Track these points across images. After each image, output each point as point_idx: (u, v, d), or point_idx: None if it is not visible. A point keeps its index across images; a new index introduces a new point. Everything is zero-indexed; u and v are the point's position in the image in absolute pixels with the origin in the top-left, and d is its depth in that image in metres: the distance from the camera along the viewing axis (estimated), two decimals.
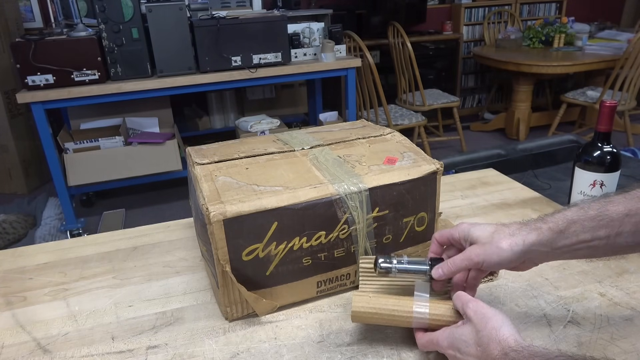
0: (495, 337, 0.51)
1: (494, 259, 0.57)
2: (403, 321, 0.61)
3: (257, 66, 2.49)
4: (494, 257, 0.57)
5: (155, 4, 2.26)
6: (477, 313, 0.54)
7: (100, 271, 0.84)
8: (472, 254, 0.58)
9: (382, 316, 0.61)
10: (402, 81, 3.44)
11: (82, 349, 0.66)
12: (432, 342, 0.59)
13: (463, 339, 0.54)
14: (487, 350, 0.51)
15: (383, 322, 0.62)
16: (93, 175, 2.57)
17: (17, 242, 2.53)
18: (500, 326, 0.52)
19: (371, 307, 0.62)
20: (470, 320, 0.55)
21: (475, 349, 0.53)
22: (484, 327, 0.53)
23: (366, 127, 0.91)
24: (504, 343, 0.51)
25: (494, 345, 0.51)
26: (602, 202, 0.56)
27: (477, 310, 0.55)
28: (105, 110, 2.78)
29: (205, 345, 0.66)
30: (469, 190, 1.10)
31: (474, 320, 0.54)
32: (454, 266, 0.60)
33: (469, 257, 0.58)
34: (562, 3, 4.41)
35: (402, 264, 0.63)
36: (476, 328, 0.54)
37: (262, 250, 0.66)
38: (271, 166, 0.74)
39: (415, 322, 0.61)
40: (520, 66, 3.33)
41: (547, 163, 1.83)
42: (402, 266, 0.63)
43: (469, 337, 0.54)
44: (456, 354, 0.55)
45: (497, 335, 0.51)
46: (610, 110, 0.87)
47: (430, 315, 0.60)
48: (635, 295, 0.72)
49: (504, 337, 0.51)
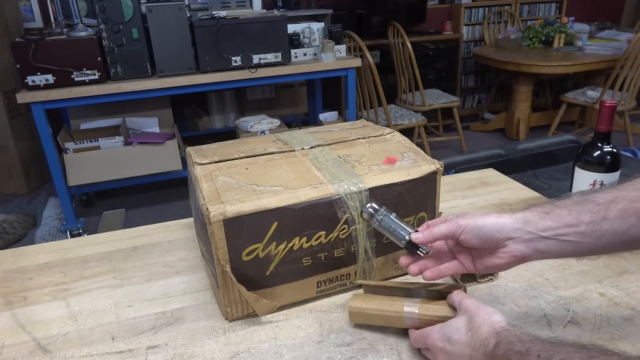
0: (487, 320, 0.53)
1: (477, 223, 0.57)
2: (395, 321, 0.63)
3: (257, 66, 2.49)
4: (478, 222, 0.57)
5: (155, 4, 2.26)
6: (473, 304, 0.56)
7: (100, 271, 0.84)
8: (460, 217, 0.59)
9: (376, 315, 0.64)
10: (402, 81, 3.44)
11: (82, 349, 0.66)
12: (423, 335, 0.59)
13: (455, 327, 0.55)
14: (478, 333, 0.52)
15: (378, 321, 0.65)
16: (93, 175, 2.57)
17: (17, 242, 2.53)
18: (492, 313, 0.54)
19: (365, 307, 0.64)
20: (467, 310, 0.56)
21: (466, 334, 0.54)
22: (477, 313, 0.54)
23: (366, 127, 0.91)
24: (495, 324, 0.52)
25: (485, 327, 0.52)
26: (589, 192, 0.57)
27: (473, 302, 0.57)
28: (105, 110, 2.78)
29: (205, 345, 0.66)
30: (469, 190, 1.10)
31: (470, 309, 0.55)
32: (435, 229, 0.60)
33: (453, 220, 0.59)
34: (562, 3, 4.41)
35: (388, 216, 0.66)
36: (469, 315, 0.55)
37: (262, 250, 0.66)
38: (271, 166, 0.74)
39: (406, 322, 0.62)
40: (520, 66, 3.33)
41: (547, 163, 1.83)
42: (387, 218, 0.66)
43: (461, 325, 0.55)
44: (445, 345, 0.55)
45: (489, 318, 0.53)
46: (610, 110, 0.87)
47: (420, 315, 0.61)
48: (635, 295, 0.72)
49: (495, 320, 0.53)
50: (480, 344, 0.52)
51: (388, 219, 0.66)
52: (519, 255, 0.57)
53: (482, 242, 0.58)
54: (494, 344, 0.50)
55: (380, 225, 0.67)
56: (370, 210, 0.68)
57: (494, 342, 0.51)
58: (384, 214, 0.67)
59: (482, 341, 0.52)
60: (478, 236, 0.57)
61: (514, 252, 0.57)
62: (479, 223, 0.57)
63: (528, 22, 4.23)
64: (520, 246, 0.57)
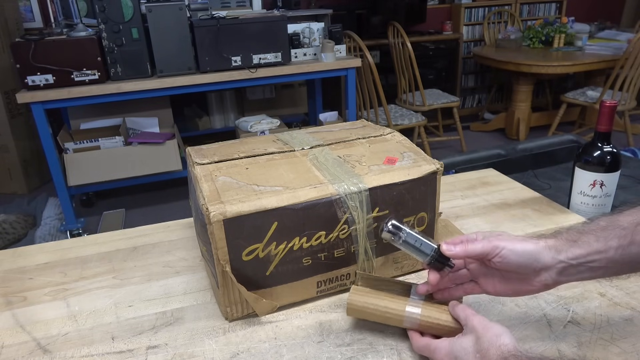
0: (495, 343, 0.52)
1: (517, 248, 0.55)
2: (395, 319, 0.62)
3: (257, 66, 2.49)
4: (517, 247, 0.55)
5: (155, 4, 2.26)
6: (480, 323, 0.55)
7: (100, 271, 0.84)
8: (495, 238, 0.57)
9: (375, 312, 0.63)
10: (402, 81, 3.44)
11: (82, 349, 0.66)
12: (429, 349, 0.59)
13: (463, 346, 0.55)
14: (487, 356, 0.52)
15: (376, 318, 0.64)
16: (93, 175, 2.57)
17: (17, 242, 2.53)
18: (501, 334, 0.53)
19: (365, 302, 0.63)
20: (474, 330, 0.55)
21: (474, 356, 0.53)
22: (485, 334, 0.53)
23: (366, 127, 0.91)
24: (503, 347, 0.51)
25: (493, 350, 0.52)
26: (613, 215, 0.56)
27: (481, 321, 0.56)
28: (105, 110, 2.78)
29: (205, 345, 0.66)
30: (469, 190, 1.10)
31: (478, 329, 0.55)
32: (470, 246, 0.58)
33: (488, 239, 0.57)
34: (562, 3, 4.42)
35: (412, 231, 0.62)
36: (477, 335, 0.54)
37: (262, 250, 0.66)
38: (271, 166, 0.74)
39: (406, 322, 0.62)
40: (520, 66, 3.33)
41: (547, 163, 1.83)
42: (412, 233, 0.62)
43: (468, 345, 0.54)
44: None
45: (497, 341, 0.52)
46: (610, 110, 0.87)
47: (422, 316, 0.61)
48: (635, 295, 0.72)
49: (504, 342, 0.52)
50: None
51: (414, 233, 0.62)
52: (551, 284, 0.57)
53: (518, 267, 0.56)
54: None
55: (405, 241, 0.62)
56: (392, 228, 0.62)
57: None
58: (408, 230, 0.62)
59: None
60: (516, 262, 0.56)
61: (547, 281, 0.57)
62: (518, 248, 0.56)
63: (528, 22, 4.23)
64: (554, 275, 0.56)
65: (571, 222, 0.85)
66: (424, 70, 3.79)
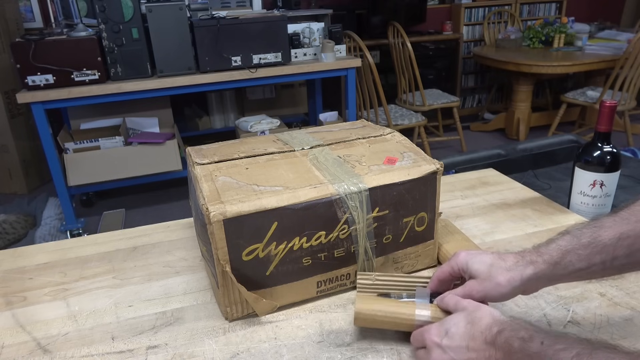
0: (489, 313, 0.54)
1: (494, 295, 0.58)
2: (405, 324, 0.62)
3: (257, 66, 2.49)
4: (495, 294, 0.58)
5: (155, 4, 2.26)
6: (471, 303, 0.57)
7: (100, 271, 0.84)
8: (473, 290, 0.59)
9: (384, 318, 0.62)
10: (402, 81, 3.44)
11: (82, 349, 0.66)
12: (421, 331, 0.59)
13: (454, 321, 0.56)
14: (479, 324, 0.53)
15: (385, 325, 0.63)
16: (93, 175, 2.57)
17: (17, 242, 2.53)
18: (493, 309, 0.55)
19: (374, 310, 0.62)
20: (465, 308, 0.57)
21: (465, 326, 0.54)
22: (478, 308, 0.56)
23: (366, 127, 0.91)
24: (496, 317, 0.54)
25: (486, 318, 0.54)
26: (594, 228, 0.57)
27: (471, 302, 0.58)
28: (105, 110, 2.78)
29: (205, 345, 0.66)
30: (469, 190, 1.10)
31: (469, 307, 0.56)
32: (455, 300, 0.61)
33: (469, 294, 0.60)
34: (562, 3, 4.41)
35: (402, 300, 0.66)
36: (469, 310, 0.56)
37: (262, 250, 0.66)
38: (271, 166, 0.74)
39: (417, 325, 0.61)
40: (520, 66, 3.33)
41: (547, 163, 1.83)
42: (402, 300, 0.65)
43: (459, 319, 0.56)
44: (442, 340, 0.55)
45: (490, 312, 0.55)
46: (610, 110, 0.87)
47: (433, 318, 0.60)
48: (635, 295, 0.72)
49: (496, 313, 0.54)
50: (480, 333, 0.52)
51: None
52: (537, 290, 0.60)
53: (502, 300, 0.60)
54: (496, 331, 0.51)
55: None
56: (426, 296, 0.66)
57: (496, 329, 0.51)
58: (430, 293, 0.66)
59: (483, 330, 0.52)
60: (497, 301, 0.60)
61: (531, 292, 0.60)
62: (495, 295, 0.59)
63: (528, 22, 4.23)
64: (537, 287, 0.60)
65: (571, 222, 0.85)
66: (424, 70, 3.79)
